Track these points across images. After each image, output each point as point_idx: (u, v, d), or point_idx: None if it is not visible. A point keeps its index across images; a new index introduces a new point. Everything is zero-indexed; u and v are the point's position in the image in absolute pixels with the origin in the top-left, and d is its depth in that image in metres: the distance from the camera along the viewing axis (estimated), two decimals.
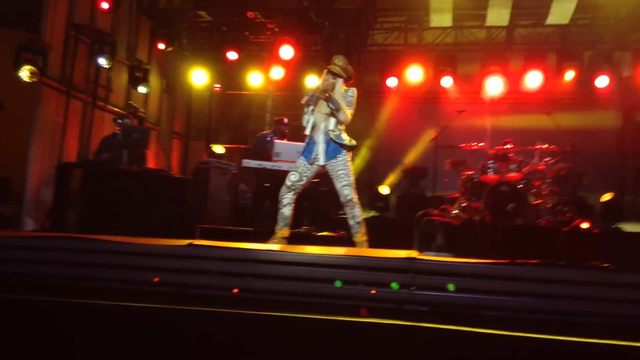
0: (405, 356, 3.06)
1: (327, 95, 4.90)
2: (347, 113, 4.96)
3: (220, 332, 3.25)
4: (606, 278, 3.31)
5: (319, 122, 5.02)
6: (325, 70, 5.11)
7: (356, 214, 4.98)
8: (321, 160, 4.99)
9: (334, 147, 4.99)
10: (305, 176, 5.05)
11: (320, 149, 4.99)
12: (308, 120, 5.05)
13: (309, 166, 5.05)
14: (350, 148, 5.04)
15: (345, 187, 4.96)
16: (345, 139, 5.02)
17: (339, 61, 5.07)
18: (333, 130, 4.96)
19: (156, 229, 6.08)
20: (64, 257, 3.91)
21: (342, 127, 5.07)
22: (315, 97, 4.93)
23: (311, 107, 5.01)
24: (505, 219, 7.50)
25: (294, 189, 5.02)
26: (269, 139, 8.11)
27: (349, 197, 4.95)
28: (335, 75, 5.02)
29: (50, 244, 4.07)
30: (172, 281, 3.69)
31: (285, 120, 8.37)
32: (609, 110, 10.38)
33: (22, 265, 3.89)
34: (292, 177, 5.02)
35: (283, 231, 5.02)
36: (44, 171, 8.15)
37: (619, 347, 2.89)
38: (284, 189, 5.02)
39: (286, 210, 5.00)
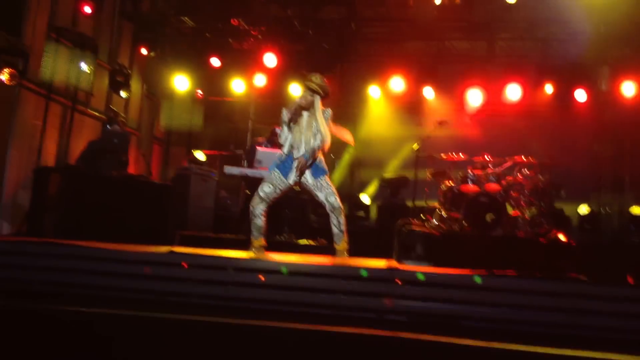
0: None
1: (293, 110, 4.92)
2: (328, 133, 4.98)
3: (199, 340, 3.23)
4: (582, 290, 3.36)
5: (297, 140, 5.02)
6: (303, 88, 5.11)
7: (341, 221, 4.97)
8: (308, 179, 5.00)
9: (317, 166, 5.01)
10: (280, 189, 5.04)
11: (306, 171, 4.99)
12: (286, 138, 5.05)
13: (284, 180, 5.04)
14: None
15: (331, 194, 4.97)
16: (323, 162, 5.07)
17: (315, 79, 5.06)
18: (315, 150, 4.97)
19: (136, 235, 6.03)
20: (40, 263, 3.86)
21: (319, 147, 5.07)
22: (295, 113, 4.93)
23: (290, 124, 5.00)
24: (484, 229, 7.57)
25: (266, 201, 5.00)
26: (260, 147, 8.13)
27: (336, 204, 4.95)
28: (313, 92, 5.02)
29: (27, 249, 4.02)
30: (152, 288, 3.66)
31: (278, 130, 8.38)
32: (586, 124, 10.54)
33: None
34: (265, 189, 5.01)
35: (260, 240, 5.00)
36: (21, 175, 8.04)
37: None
38: (256, 200, 4.99)
39: (259, 221, 4.97)
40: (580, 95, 9.97)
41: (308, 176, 5.02)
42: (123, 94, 10.00)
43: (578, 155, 10.14)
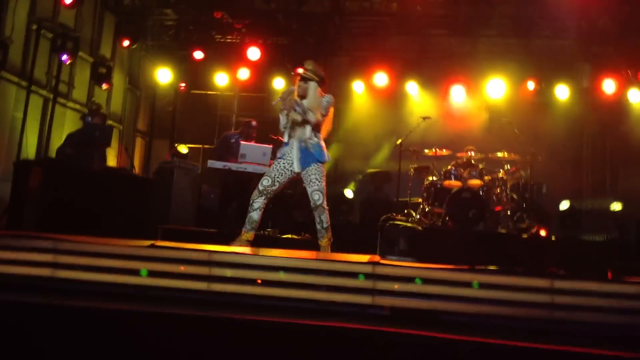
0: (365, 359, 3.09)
1: (293, 102, 4.90)
2: (312, 115, 4.96)
3: (181, 335, 3.22)
4: (561, 285, 3.39)
5: (293, 128, 5.03)
6: (297, 77, 5.10)
7: (324, 219, 4.99)
8: (295, 168, 4.99)
9: (308, 154, 5.00)
10: (278, 181, 5.03)
11: (294, 155, 4.99)
12: (285, 125, 5.05)
13: (283, 171, 5.03)
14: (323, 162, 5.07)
15: (316, 192, 4.96)
16: (323, 148, 5.05)
17: (308, 65, 5.08)
18: (310, 138, 4.98)
19: (118, 229, 5.99)
20: (20, 256, 3.81)
21: (320, 135, 5.07)
22: (287, 102, 4.93)
23: (285, 111, 5.01)
24: (467, 225, 7.63)
25: (265, 194, 5.00)
26: (233, 140, 8.07)
27: (318, 202, 4.96)
28: (307, 79, 5.02)
29: (6, 242, 3.96)
30: (133, 283, 3.64)
31: (254, 123, 8.36)
32: (568, 121, 10.66)
33: None
34: (264, 182, 5.01)
35: (249, 234, 5.00)
36: (1, 167, 7.94)
37: (576, 355, 2.97)
38: (256, 193, 5.01)
39: (255, 215, 4.98)
40: (562, 92, 10.06)
41: (295, 165, 5.00)
42: (105, 86, 9.91)
43: (559, 151, 10.26)
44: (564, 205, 9.06)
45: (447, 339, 3.05)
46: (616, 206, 8.93)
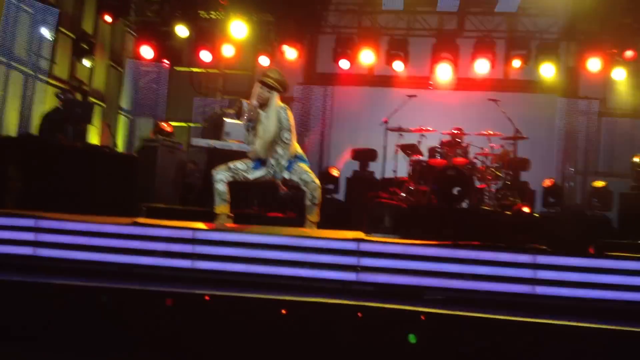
0: (349, 334, 3.11)
1: (252, 113, 4.76)
2: (274, 128, 4.81)
3: (164, 312, 3.22)
4: (543, 260, 3.43)
5: (260, 145, 4.84)
6: (257, 83, 4.89)
7: (316, 196, 4.89)
8: (284, 176, 4.92)
9: (291, 162, 4.92)
10: (250, 176, 4.93)
11: (278, 171, 4.90)
12: (251, 142, 4.88)
13: (256, 173, 4.95)
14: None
15: (303, 173, 4.89)
16: (301, 155, 4.99)
17: (273, 74, 4.89)
18: (282, 156, 4.86)
19: (101, 207, 5.92)
20: (2, 235, 3.78)
21: (288, 148, 4.90)
22: (253, 114, 4.78)
23: (251, 125, 4.84)
24: (451, 202, 7.66)
25: (233, 173, 4.89)
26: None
27: (308, 180, 4.87)
28: (270, 88, 4.84)
29: None
30: (115, 261, 3.62)
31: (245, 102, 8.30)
32: (553, 99, 10.70)
33: None
34: (239, 165, 4.90)
35: (221, 207, 4.87)
36: None
37: (555, 327, 3.01)
38: (222, 167, 4.88)
39: (220, 186, 4.81)
40: (548, 70, 10.07)
41: (285, 174, 4.93)
42: (87, 62, 9.75)
43: (544, 130, 10.32)
44: (548, 182, 9.12)
45: (429, 314, 3.08)
46: (599, 183, 9.01)
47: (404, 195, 8.05)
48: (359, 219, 7.30)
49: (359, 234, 4.03)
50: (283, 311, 3.09)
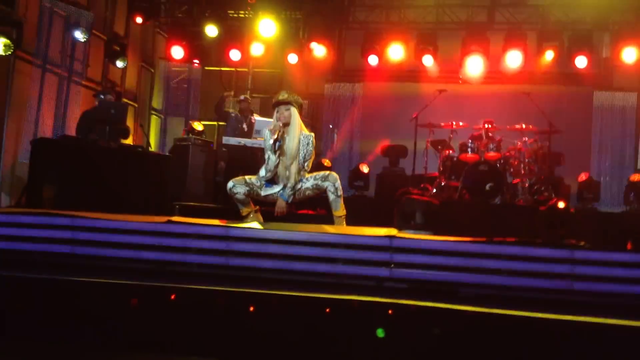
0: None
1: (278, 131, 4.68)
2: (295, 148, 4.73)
3: (201, 308, 3.24)
4: (581, 256, 3.36)
5: (281, 170, 4.78)
6: (275, 109, 4.81)
7: (338, 187, 4.84)
8: (288, 197, 4.82)
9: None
10: (262, 193, 4.86)
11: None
12: (275, 164, 4.72)
13: (267, 191, 4.90)
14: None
15: (311, 179, 4.81)
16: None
17: (284, 94, 4.81)
18: (297, 181, 4.78)
19: (134, 206, 6.03)
20: (40, 234, 3.86)
21: (305, 175, 4.84)
22: (279, 134, 4.68)
23: (277, 145, 4.69)
24: (484, 198, 7.57)
25: (249, 188, 4.77)
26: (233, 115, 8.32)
27: (325, 174, 4.85)
28: (288, 104, 4.77)
29: (27, 220, 4.01)
30: (150, 258, 3.67)
31: (242, 97, 8.95)
32: (587, 91, 10.47)
33: None
34: (254, 180, 4.78)
35: (245, 209, 4.87)
36: (19, 147, 8.00)
37: (594, 325, 2.94)
38: (239, 180, 4.80)
39: (239, 197, 4.77)
40: (581, 61, 9.84)
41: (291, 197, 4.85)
42: (119, 63, 9.91)
43: (578, 123, 10.10)
44: (583, 176, 8.93)
45: (465, 312, 3.04)
46: (637, 177, 8.79)
47: (435, 191, 7.98)
48: (390, 216, 7.24)
49: (392, 231, 4.01)
50: (327, 310, 3.09)
